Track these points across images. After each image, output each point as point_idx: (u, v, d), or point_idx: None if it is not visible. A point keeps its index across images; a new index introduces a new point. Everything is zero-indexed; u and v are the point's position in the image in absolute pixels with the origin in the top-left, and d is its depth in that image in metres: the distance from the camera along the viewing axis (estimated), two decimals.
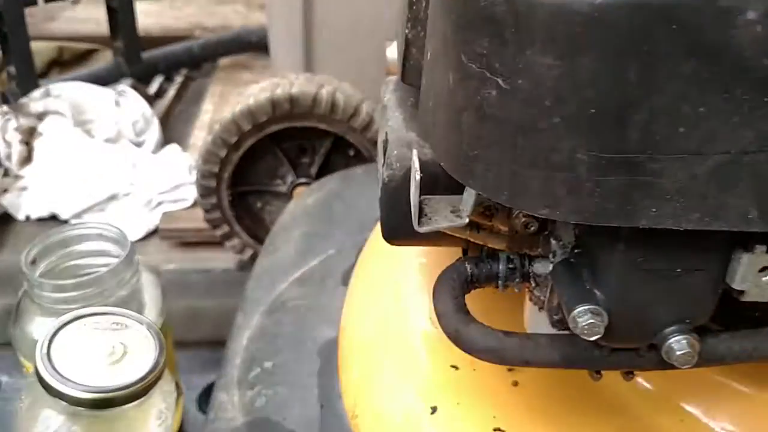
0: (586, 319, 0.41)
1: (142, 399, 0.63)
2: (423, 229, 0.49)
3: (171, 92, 2.11)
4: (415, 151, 0.49)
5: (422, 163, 0.51)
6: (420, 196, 0.48)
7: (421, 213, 0.50)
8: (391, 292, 0.74)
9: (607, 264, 0.41)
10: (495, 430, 0.59)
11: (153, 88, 2.08)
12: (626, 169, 0.34)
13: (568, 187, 0.35)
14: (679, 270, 0.40)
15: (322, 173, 1.22)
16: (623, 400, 0.63)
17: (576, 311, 0.41)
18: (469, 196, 0.50)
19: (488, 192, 0.38)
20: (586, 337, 0.41)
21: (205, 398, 1.06)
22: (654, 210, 0.35)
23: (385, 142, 0.56)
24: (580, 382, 0.65)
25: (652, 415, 0.62)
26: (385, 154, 0.56)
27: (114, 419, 0.64)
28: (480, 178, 0.38)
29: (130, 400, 0.62)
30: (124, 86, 1.82)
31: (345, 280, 0.88)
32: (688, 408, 0.62)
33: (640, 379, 0.64)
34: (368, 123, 1.16)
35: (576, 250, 0.45)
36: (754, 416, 0.61)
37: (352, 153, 1.24)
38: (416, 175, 0.47)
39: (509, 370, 0.65)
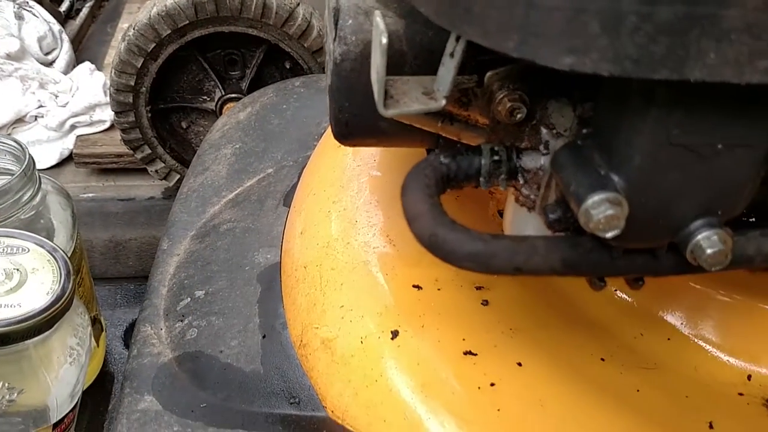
0: (602, 210, 0.33)
1: (45, 333, 0.53)
2: (390, 113, 0.40)
3: (84, 11, 1.92)
4: (378, 12, 0.39)
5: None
6: (387, 71, 0.38)
7: (386, 95, 0.40)
8: (341, 210, 0.65)
9: (630, 140, 0.33)
10: (465, 353, 0.52)
11: (63, 6, 1.88)
12: None
13: (605, 22, 0.26)
14: (719, 146, 0.32)
15: (254, 88, 1.10)
16: (603, 316, 0.58)
17: (590, 201, 0.33)
18: (446, 71, 0.41)
19: (490, 38, 0.29)
20: (601, 234, 0.33)
21: (131, 334, 0.97)
22: (713, 55, 0.27)
23: (336, 10, 0.45)
24: (556, 298, 0.58)
25: (636, 334, 0.57)
26: (336, 25, 0.45)
27: (14, 359, 0.54)
28: (479, 18, 0.29)
29: (30, 335, 0.52)
30: None
31: (286, 200, 0.80)
32: (673, 321, 0.57)
33: (620, 292, 0.58)
34: (306, 29, 1.05)
35: (584, 130, 0.37)
36: (741, 327, 0.56)
37: (288, 65, 1.12)
38: (382, 39, 0.37)
39: (477, 288, 0.57)
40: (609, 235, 0.33)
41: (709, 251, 0.34)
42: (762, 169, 0.34)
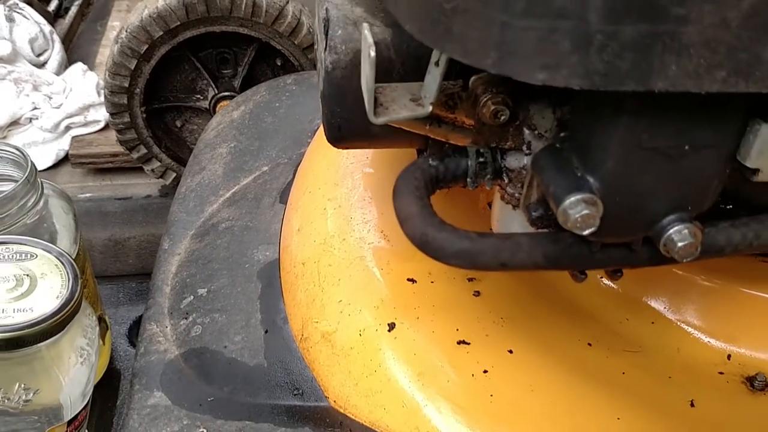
0: (579, 210, 0.35)
1: (57, 336, 0.55)
2: (380, 120, 0.42)
3: (73, 10, 1.93)
4: (366, 25, 0.41)
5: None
6: (376, 78, 0.41)
7: (375, 103, 0.43)
8: (336, 207, 0.67)
9: (603, 145, 0.35)
10: (459, 342, 0.55)
11: (52, 5, 1.89)
12: (647, 15, 0.28)
13: (575, 40, 0.28)
14: (686, 147, 0.34)
15: (246, 86, 1.12)
16: (590, 304, 0.60)
17: (567, 202, 0.35)
18: (432, 79, 0.43)
19: (470, 56, 0.31)
20: (578, 232, 0.35)
21: (135, 331, 1.00)
22: (674, 68, 0.29)
23: (326, 21, 0.48)
24: (544, 288, 0.61)
25: (621, 319, 0.60)
26: (326, 35, 0.47)
27: (28, 361, 0.56)
28: (459, 38, 0.31)
29: (42, 338, 0.55)
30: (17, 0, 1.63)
31: (282, 197, 0.81)
32: (657, 306, 0.60)
33: (605, 280, 0.61)
34: (296, 27, 1.06)
35: (562, 134, 0.39)
36: (722, 310, 0.59)
37: (279, 62, 1.14)
38: (370, 52, 0.39)
39: (469, 280, 0.60)
40: (585, 232, 0.36)
41: (680, 244, 0.37)
42: (727, 166, 0.36)
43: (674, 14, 0.28)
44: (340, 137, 0.51)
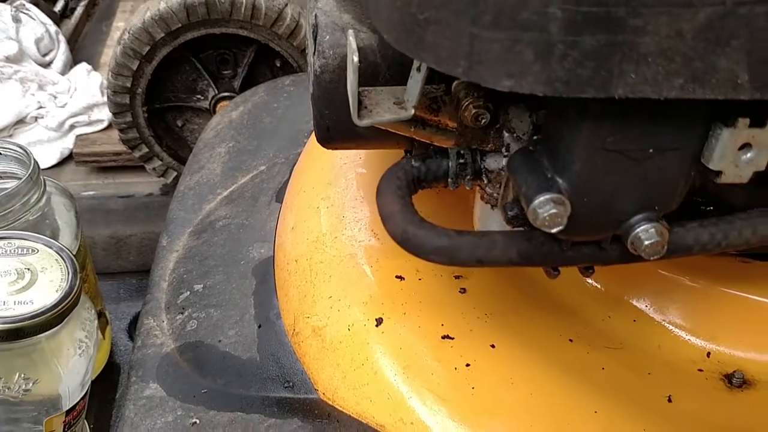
0: (547, 210, 0.37)
1: (56, 328, 0.57)
2: (364, 122, 0.44)
3: (78, 10, 1.95)
4: (351, 32, 0.43)
5: (360, 50, 0.45)
6: (359, 85, 0.42)
7: (360, 105, 0.45)
8: (329, 206, 0.69)
9: (570, 147, 0.37)
10: (443, 337, 0.56)
11: (58, 6, 1.91)
12: (605, 26, 0.29)
13: (537, 50, 0.30)
14: (651, 150, 0.36)
15: (246, 87, 1.14)
16: (574, 302, 0.62)
17: (536, 201, 0.37)
18: (414, 83, 0.45)
19: (442, 64, 0.33)
20: (547, 230, 0.37)
21: (135, 327, 1.01)
22: (633, 76, 0.31)
23: (315, 27, 0.49)
24: (529, 286, 0.63)
25: (603, 317, 0.61)
26: (315, 40, 0.49)
27: (28, 351, 0.58)
28: (432, 47, 0.33)
29: (42, 330, 0.56)
30: (24, 0, 1.66)
31: (279, 196, 0.83)
32: (639, 305, 0.62)
33: (590, 279, 0.63)
34: (294, 29, 1.08)
35: (535, 137, 0.41)
36: (703, 309, 0.60)
37: (278, 63, 1.16)
38: (354, 58, 0.41)
39: (456, 277, 0.62)
40: (554, 230, 0.37)
41: (647, 242, 0.38)
42: (692, 168, 0.38)
43: (631, 25, 0.29)
44: (328, 138, 0.53)
